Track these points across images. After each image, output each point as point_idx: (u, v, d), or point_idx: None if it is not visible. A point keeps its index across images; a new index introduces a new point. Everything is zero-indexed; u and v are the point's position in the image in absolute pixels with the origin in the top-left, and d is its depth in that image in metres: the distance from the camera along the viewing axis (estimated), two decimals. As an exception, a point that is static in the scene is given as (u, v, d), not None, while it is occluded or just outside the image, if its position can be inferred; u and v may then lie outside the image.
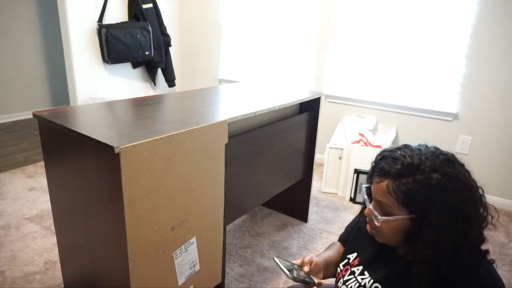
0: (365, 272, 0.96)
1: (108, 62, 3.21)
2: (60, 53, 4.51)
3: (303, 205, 2.27)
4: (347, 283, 0.98)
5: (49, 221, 2.14)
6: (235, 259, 1.89)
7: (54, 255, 1.85)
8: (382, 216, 0.86)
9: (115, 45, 3.14)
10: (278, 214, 2.36)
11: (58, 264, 1.77)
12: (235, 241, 2.05)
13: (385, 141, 2.70)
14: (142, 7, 3.34)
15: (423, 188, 0.80)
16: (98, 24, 3.11)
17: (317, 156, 3.33)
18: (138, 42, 3.27)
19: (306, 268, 1.05)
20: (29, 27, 4.18)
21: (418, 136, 2.83)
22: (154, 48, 3.47)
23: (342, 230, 1.18)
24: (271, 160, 1.83)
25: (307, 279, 0.98)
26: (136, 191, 1.08)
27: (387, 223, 0.86)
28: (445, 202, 0.79)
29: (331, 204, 2.55)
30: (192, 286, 1.41)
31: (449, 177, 0.80)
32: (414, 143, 0.96)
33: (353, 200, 2.60)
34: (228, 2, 3.55)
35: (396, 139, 2.92)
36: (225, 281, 1.71)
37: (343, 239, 1.16)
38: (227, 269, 1.81)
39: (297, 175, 2.13)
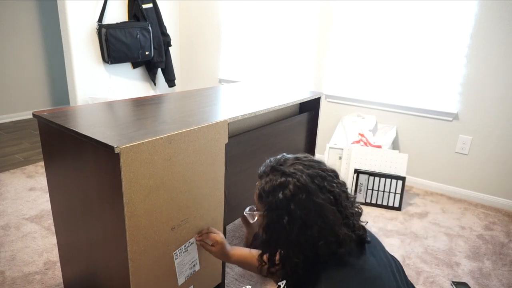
0: None
1: (108, 62, 3.21)
2: (60, 53, 4.51)
3: (303, 205, 2.27)
4: None
5: (49, 221, 2.14)
6: (235, 259, 1.89)
7: (54, 255, 1.85)
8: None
9: (115, 45, 3.14)
10: (278, 214, 2.36)
11: (58, 264, 1.77)
12: (235, 241, 2.05)
13: (385, 141, 2.71)
14: (142, 7, 3.34)
15: (269, 187, 0.90)
16: (98, 24, 3.11)
17: (317, 156, 3.33)
18: (138, 42, 3.27)
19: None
20: (29, 27, 4.18)
21: (418, 136, 2.83)
22: (154, 48, 3.47)
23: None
24: (271, 160, 1.83)
25: None
26: (136, 191, 1.08)
27: (258, 222, 0.96)
28: (277, 202, 0.87)
29: (331, 204, 2.55)
30: (192, 286, 1.41)
31: (287, 181, 0.88)
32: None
33: (353, 200, 2.60)
34: (228, 2, 3.55)
35: (396, 139, 2.92)
36: (225, 281, 1.71)
37: None
38: (227, 269, 1.81)
39: (297, 175, 2.12)
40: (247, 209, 1.02)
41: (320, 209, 0.86)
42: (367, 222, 0.96)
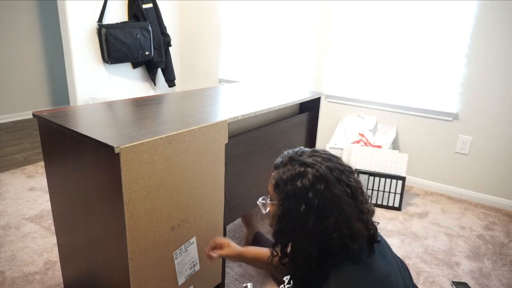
0: None
1: (108, 62, 3.21)
2: (60, 53, 4.51)
3: (303, 205, 2.27)
4: None
5: (49, 221, 2.14)
6: (235, 259, 1.89)
7: (54, 255, 1.85)
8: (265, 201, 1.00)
9: (115, 45, 3.14)
10: (278, 214, 2.36)
11: (58, 264, 1.77)
12: (235, 241, 2.05)
13: (385, 141, 2.71)
14: (142, 7, 3.34)
15: (287, 176, 0.90)
16: (98, 24, 3.11)
17: (317, 156, 3.33)
18: (138, 42, 3.27)
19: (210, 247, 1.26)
20: (29, 27, 4.18)
21: (418, 136, 2.83)
22: (154, 48, 3.47)
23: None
24: (271, 160, 1.82)
25: None
26: (136, 191, 1.08)
27: (271, 212, 0.97)
28: (295, 190, 0.88)
29: (331, 204, 2.55)
30: (192, 286, 1.41)
31: (306, 170, 0.89)
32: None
33: (353, 200, 2.60)
34: (228, 2, 3.55)
35: (396, 139, 2.92)
36: (225, 281, 1.71)
37: None
38: (227, 269, 1.81)
39: (297, 175, 2.12)
40: (260, 198, 1.02)
41: (337, 201, 0.87)
42: (378, 223, 0.97)
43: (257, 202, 1.02)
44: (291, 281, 0.98)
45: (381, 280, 0.86)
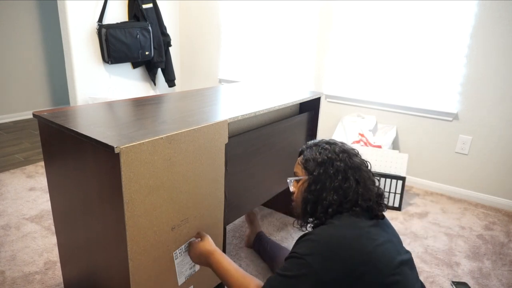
0: None
1: (108, 62, 3.21)
2: (60, 53, 4.51)
3: (303, 205, 2.27)
4: None
5: (49, 221, 2.14)
6: (235, 259, 1.89)
7: (54, 255, 1.85)
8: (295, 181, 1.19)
9: (115, 45, 3.14)
10: (278, 214, 2.36)
11: (58, 264, 1.77)
12: (235, 241, 2.05)
13: (385, 141, 2.71)
14: (142, 7, 3.35)
15: (316, 153, 1.13)
16: (98, 24, 3.11)
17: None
18: (138, 42, 3.28)
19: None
20: (29, 27, 4.18)
21: (418, 136, 2.83)
22: (154, 48, 3.47)
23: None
24: (271, 160, 1.83)
25: None
26: (136, 191, 1.08)
27: (297, 188, 1.16)
28: (324, 160, 1.11)
29: (331, 204, 2.55)
30: (192, 286, 1.41)
31: (331, 146, 1.13)
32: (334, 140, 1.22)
33: (353, 200, 2.60)
34: (228, 2, 3.55)
35: (396, 139, 2.92)
36: (225, 281, 1.71)
37: None
38: (227, 269, 1.80)
39: (297, 175, 2.12)
40: (289, 178, 1.20)
41: (358, 167, 1.09)
42: (386, 204, 1.14)
43: (287, 179, 1.21)
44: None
45: (365, 240, 0.95)
